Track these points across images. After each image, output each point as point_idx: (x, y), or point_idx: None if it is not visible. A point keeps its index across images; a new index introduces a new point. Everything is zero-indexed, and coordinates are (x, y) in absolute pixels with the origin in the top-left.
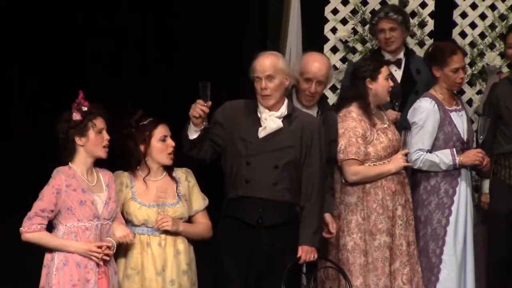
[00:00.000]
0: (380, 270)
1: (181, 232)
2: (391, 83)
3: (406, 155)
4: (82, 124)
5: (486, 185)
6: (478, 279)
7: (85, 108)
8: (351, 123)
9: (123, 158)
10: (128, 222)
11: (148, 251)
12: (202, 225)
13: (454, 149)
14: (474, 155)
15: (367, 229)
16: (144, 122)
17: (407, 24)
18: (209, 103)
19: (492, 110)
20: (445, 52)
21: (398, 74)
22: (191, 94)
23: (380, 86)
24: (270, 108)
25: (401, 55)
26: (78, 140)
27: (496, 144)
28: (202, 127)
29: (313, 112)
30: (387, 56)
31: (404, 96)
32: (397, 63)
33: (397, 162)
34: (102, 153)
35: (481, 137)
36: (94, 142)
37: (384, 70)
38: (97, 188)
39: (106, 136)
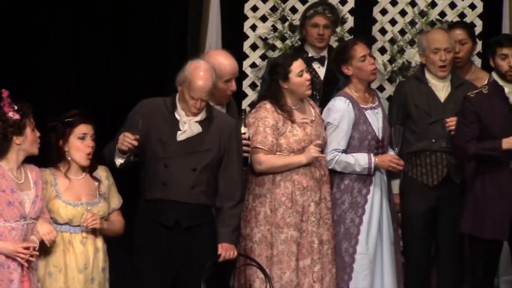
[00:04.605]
0: (285, 264)
1: (103, 230)
2: (307, 76)
3: (319, 146)
4: (21, 123)
5: (395, 185)
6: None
7: (16, 107)
8: (262, 113)
9: (46, 153)
10: (51, 219)
11: (70, 249)
12: (118, 222)
13: (372, 154)
14: (389, 161)
15: (274, 222)
16: (69, 119)
17: (337, 25)
18: (137, 136)
19: (401, 109)
20: (346, 47)
21: (321, 71)
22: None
23: (293, 84)
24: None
25: (324, 53)
26: (16, 139)
27: (406, 143)
28: (128, 155)
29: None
30: (311, 53)
31: (328, 93)
32: (321, 60)
33: (308, 152)
34: (36, 150)
35: (396, 148)
36: (31, 140)
37: (294, 68)
38: (25, 185)
39: (37, 133)
